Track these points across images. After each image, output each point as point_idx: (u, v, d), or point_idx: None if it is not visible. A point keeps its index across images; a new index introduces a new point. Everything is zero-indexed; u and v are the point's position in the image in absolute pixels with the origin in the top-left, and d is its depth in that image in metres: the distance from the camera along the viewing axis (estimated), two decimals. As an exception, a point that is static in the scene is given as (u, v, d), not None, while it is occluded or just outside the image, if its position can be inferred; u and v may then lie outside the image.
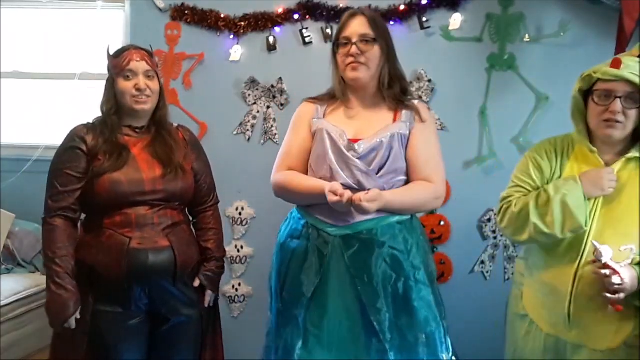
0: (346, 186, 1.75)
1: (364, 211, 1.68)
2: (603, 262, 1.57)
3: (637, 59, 1.61)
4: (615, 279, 1.55)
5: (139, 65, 1.84)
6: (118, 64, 1.83)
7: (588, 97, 1.67)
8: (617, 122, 1.58)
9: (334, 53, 1.87)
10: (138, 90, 1.82)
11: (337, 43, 1.84)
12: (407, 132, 1.82)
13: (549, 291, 1.74)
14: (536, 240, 1.72)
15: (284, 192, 1.87)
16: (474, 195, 2.76)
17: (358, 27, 1.80)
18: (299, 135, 1.90)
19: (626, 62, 1.59)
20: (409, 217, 1.86)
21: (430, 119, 1.90)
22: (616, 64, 1.58)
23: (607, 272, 1.56)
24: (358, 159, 1.78)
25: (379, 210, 1.73)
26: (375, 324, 1.72)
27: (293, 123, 1.94)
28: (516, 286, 1.91)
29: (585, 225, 1.64)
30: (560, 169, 1.73)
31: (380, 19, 1.89)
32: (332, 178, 1.77)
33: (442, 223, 2.86)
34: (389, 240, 1.78)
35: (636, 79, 1.56)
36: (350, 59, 1.79)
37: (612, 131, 1.61)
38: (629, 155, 1.65)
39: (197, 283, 1.93)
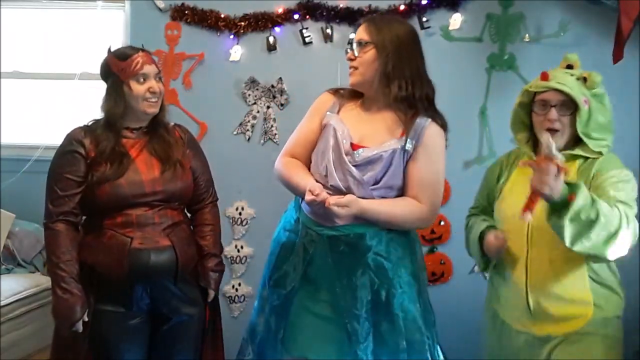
0: (336, 188, 1.73)
1: (334, 215, 1.67)
2: (553, 154, 1.49)
3: (566, 70, 1.78)
4: (552, 169, 1.47)
5: (151, 68, 1.83)
6: (128, 67, 1.80)
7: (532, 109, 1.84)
8: (556, 130, 1.72)
9: None
10: (152, 93, 1.82)
11: None
12: (411, 149, 1.75)
13: (509, 284, 1.83)
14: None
15: (280, 180, 1.88)
16: (474, 195, 2.75)
17: (358, 34, 1.80)
18: (309, 124, 1.88)
19: (555, 74, 1.76)
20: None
21: (437, 143, 1.79)
22: (544, 77, 1.76)
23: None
24: (355, 166, 1.75)
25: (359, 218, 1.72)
26: (348, 327, 1.71)
27: (309, 110, 1.93)
28: (488, 291, 2.00)
29: (485, 271, 1.95)
30: (508, 177, 1.90)
31: (383, 23, 1.80)
32: (326, 177, 1.76)
33: (442, 223, 2.86)
34: (376, 246, 1.75)
35: (565, 88, 1.70)
36: (349, 63, 1.81)
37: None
38: (566, 152, 1.74)
39: (203, 284, 1.95)
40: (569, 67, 1.81)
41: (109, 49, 1.87)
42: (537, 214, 1.69)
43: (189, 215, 2.03)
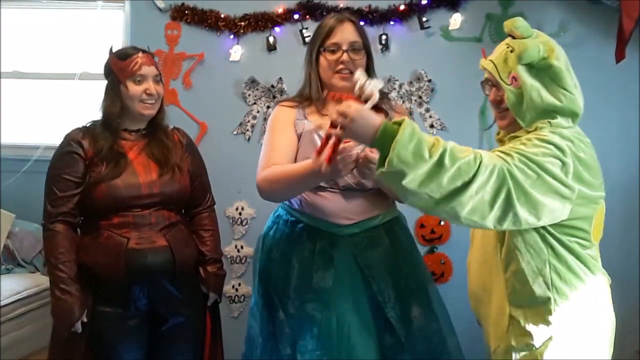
0: (347, 187, 1.75)
1: (372, 162, 1.54)
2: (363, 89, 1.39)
3: (507, 41, 1.49)
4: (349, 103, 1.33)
5: (150, 70, 1.83)
6: (127, 67, 1.80)
7: None
8: (504, 110, 1.51)
9: (316, 57, 1.82)
10: (149, 95, 1.82)
11: (323, 48, 1.78)
12: None
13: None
14: None
15: (273, 185, 1.72)
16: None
17: (347, 34, 1.77)
18: (284, 135, 1.80)
19: (495, 50, 1.52)
20: (398, 215, 1.90)
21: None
22: (483, 53, 1.56)
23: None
24: None
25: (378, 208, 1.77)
26: (392, 321, 1.73)
27: (274, 125, 1.84)
28: None
29: None
30: None
31: (358, 21, 1.86)
32: (331, 179, 1.73)
33: (442, 223, 2.86)
34: (392, 236, 1.82)
35: (485, 64, 1.50)
36: (341, 67, 1.76)
37: (500, 122, 1.57)
38: (504, 137, 1.58)
39: (205, 289, 1.95)
40: (510, 36, 1.50)
41: (111, 49, 1.87)
42: None
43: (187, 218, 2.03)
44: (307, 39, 2.83)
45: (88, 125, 1.89)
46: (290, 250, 1.81)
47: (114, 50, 1.87)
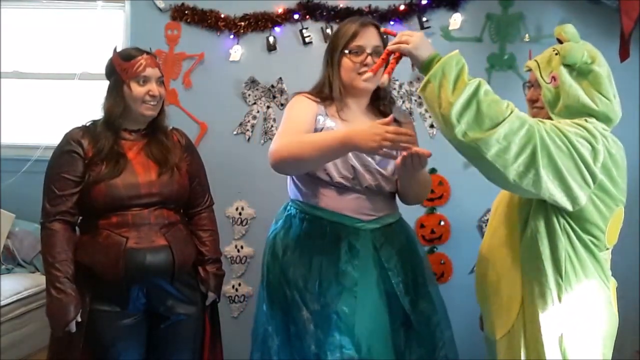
0: (369, 188, 1.79)
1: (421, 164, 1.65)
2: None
3: (555, 46, 1.61)
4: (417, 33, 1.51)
5: (153, 72, 1.84)
6: (130, 68, 1.81)
7: None
8: (540, 108, 1.62)
9: (338, 57, 1.82)
10: (152, 96, 1.83)
11: (348, 50, 1.79)
12: None
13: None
14: None
15: (295, 152, 1.65)
16: (474, 195, 2.76)
17: (372, 38, 1.80)
18: (306, 117, 1.77)
19: (542, 53, 1.64)
20: (401, 216, 1.96)
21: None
22: (529, 54, 1.73)
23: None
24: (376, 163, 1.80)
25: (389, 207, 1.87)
26: (408, 312, 1.78)
27: (297, 107, 1.81)
28: None
29: None
30: None
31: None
32: (354, 179, 1.77)
33: (442, 223, 2.86)
34: (405, 233, 1.90)
35: (529, 64, 1.62)
36: (365, 69, 1.77)
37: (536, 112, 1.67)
38: None
39: (204, 289, 1.96)
40: (559, 40, 1.61)
41: (115, 49, 1.88)
42: (503, 201, 1.65)
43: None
44: (307, 39, 2.83)
45: (88, 124, 1.89)
46: (312, 246, 1.80)
47: (117, 51, 1.87)
